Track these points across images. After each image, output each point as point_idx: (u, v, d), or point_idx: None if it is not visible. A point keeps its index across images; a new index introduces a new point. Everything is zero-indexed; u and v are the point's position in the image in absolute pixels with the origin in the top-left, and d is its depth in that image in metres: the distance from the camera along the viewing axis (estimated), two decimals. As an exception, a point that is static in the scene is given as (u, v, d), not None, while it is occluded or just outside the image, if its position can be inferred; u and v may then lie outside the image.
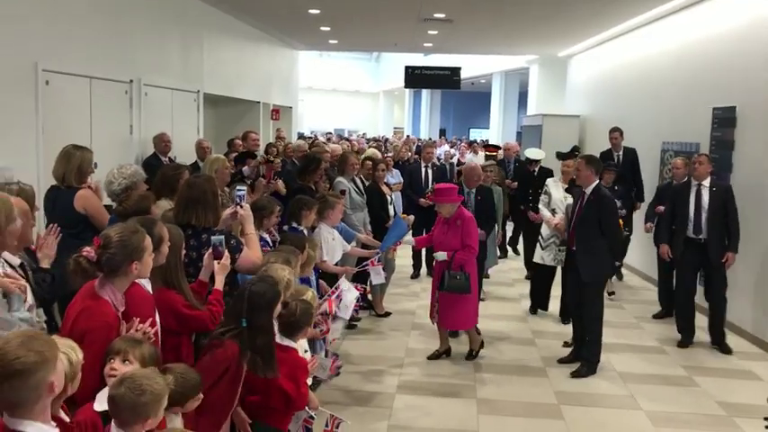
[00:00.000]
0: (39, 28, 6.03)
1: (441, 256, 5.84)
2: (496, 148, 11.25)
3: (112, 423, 2.30)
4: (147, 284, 3.05)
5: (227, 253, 3.49)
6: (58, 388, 2.00)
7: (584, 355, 5.93)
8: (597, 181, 5.81)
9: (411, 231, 7.83)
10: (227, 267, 3.49)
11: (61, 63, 6.35)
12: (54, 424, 2.05)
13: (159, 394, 2.32)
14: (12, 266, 3.07)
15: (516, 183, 9.76)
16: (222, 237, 3.52)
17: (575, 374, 5.82)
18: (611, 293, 8.12)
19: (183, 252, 3.44)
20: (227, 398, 3.16)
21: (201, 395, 2.77)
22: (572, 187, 6.58)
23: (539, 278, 7.65)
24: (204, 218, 3.74)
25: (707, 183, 6.52)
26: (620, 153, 9.00)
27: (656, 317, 7.67)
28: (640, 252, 8.94)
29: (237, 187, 4.19)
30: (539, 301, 7.67)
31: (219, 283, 3.43)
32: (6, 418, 1.95)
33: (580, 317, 6.02)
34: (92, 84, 6.94)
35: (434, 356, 6.16)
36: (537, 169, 9.22)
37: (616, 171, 7.97)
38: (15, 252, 3.15)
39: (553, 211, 7.07)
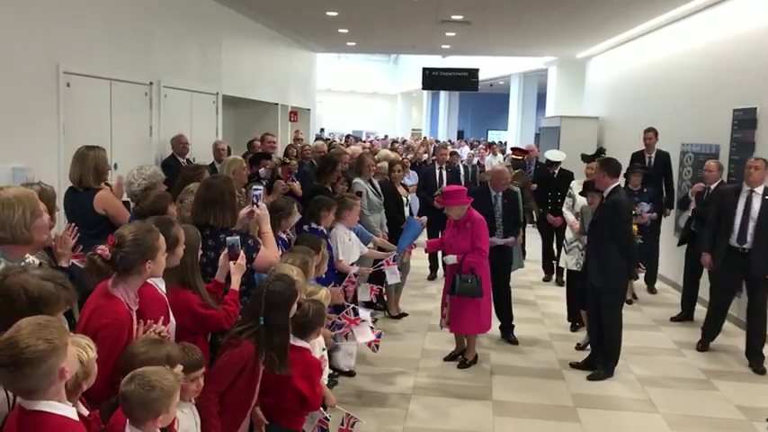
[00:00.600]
0: (60, 31, 6.12)
1: (450, 259, 5.81)
2: (523, 152, 11.13)
3: (127, 422, 2.32)
4: (160, 283, 3.07)
5: (242, 253, 3.52)
6: (70, 373, 2.04)
7: (601, 358, 5.89)
8: (615, 184, 5.67)
9: (426, 233, 7.81)
10: (243, 268, 3.52)
11: (82, 65, 6.43)
12: (71, 404, 2.08)
13: (169, 390, 2.32)
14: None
15: (536, 185, 9.65)
16: (237, 238, 3.55)
17: (591, 377, 5.78)
18: (629, 301, 7.79)
19: (201, 252, 3.47)
20: (244, 397, 3.19)
21: (202, 381, 2.80)
22: (586, 190, 6.50)
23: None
24: (222, 218, 3.77)
25: (760, 190, 6.03)
26: (653, 155, 8.58)
27: (674, 319, 7.58)
28: (661, 255, 8.83)
29: (254, 187, 4.22)
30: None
31: (235, 283, 3.46)
32: (22, 400, 2.00)
33: (596, 321, 5.95)
34: (112, 86, 7.01)
35: (450, 358, 6.15)
36: (557, 171, 9.13)
37: (643, 173, 7.80)
38: (35, 251, 3.19)
39: (577, 215, 6.99)
